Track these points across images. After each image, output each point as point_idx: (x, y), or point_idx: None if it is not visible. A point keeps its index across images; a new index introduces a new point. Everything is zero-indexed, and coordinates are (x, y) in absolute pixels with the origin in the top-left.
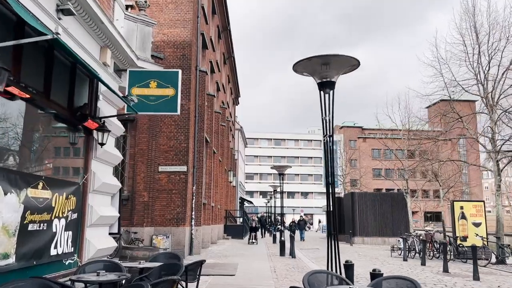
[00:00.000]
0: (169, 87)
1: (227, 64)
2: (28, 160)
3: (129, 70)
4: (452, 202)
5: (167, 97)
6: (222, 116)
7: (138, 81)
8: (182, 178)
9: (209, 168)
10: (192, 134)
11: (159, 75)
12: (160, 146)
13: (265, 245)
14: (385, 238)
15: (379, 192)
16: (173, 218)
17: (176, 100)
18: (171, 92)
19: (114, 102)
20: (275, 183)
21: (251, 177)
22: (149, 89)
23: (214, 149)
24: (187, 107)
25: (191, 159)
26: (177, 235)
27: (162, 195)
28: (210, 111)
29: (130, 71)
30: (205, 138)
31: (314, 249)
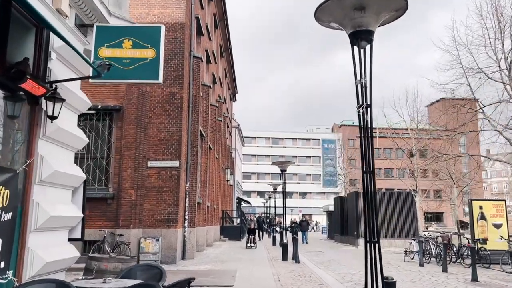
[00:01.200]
0: (148, 47)
1: (224, 57)
2: None
3: (96, 25)
4: (470, 201)
5: (146, 60)
6: (219, 111)
7: (107, 40)
8: (174, 174)
9: (204, 165)
10: (185, 126)
11: (135, 32)
12: (150, 138)
13: (265, 247)
14: (391, 240)
15: (385, 192)
16: (163, 219)
17: (158, 64)
18: (151, 54)
19: (75, 65)
20: (274, 182)
21: (249, 177)
22: (122, 50)
23: (210, 145)
24: (179, 95)
25: (184, 154)
26: (168, 238)
27: (151, 193)
28: (205, 103)
29: (97, 26)
30: (200, 131)
31: (318, 252)
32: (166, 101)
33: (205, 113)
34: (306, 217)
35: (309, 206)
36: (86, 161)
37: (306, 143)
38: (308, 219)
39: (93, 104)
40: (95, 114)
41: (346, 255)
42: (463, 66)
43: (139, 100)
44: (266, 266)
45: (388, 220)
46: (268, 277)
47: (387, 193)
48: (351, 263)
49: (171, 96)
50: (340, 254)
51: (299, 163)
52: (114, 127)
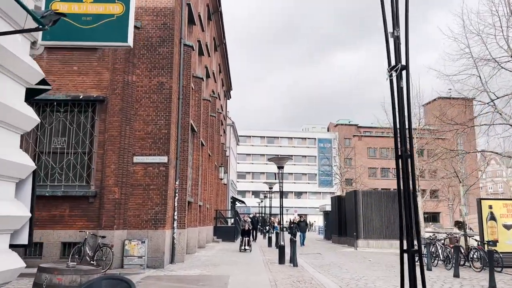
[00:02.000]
0: (115, 1)
1: (218, 52)
2: None
3: None
4: (479, 201)
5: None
6: (212, 106)
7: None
8: (162, 171)
9: (196, 162)
10: (175, 118)
11: None
12: (136, 132)
13: (260, 249)
14: (392, 241)
15: (385, 191)
16: (150, 219)
17: (127, 22)
18: (118, 10)
19: (13, 17)
20: (269, 181)
21: (243, 176)
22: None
23: (203, 141)
24: (168, 86)
25: (173, 149)
26: (155, 240)
27: (137, 191)
28: (197, 96)
29: None
30: (191, 125)
31: (316, 255)
32: (153, 92)
33: (197, 107)
34: (304, 217)
35: (305, 206)
36: (66, 156)
37: (302, 142)
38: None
39: (74, 95)
40: (76, 106)
41: (346, 257)
42: (473, 56)
43: (124, 90)
44: (261, 270)
45: (388, 220)
46: (264, 283)
47: (387, 192)
48: (353, 267)
49: (159, 86)
50: (340, 257)
51: (294, 163)
52: (97, 119)
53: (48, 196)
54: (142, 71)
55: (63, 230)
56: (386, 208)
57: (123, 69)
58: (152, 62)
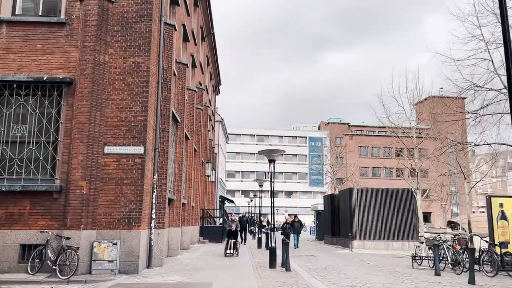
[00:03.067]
0: None
1: (205, 43)
2: None
3: None
4: (489, 198)
5: None
6: (199, 98)
7: None
8: (137, 163)
9: (179, 155)
10: (153, 105)
11: None
12: (108, 119)
13: (249, 251)
14: (389, 242)
15: (382, 188)
16: (123, 218)
17: None
18: None
19: None
20: (260, 178)
21: (233, 175)
22: None
23: (187, 134)
24: (145, 67)
25: (151, 139)
26: (129, 241)
27: (108, 186)
28: (181, 84)
29: None
30: (173, 114)
31: (309, 257)
32: (128, 73)
33: (180, 96)
34: (299, 217)
35: (295, 205)
36: (27, 146)
37: (293, 140)
38: None
39: (38, 76)
40: (40, 88)
41: (342, 260)
42: (484, 38)
43: (95, 71)
44: (250, 276)
45: (385, 220)
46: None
47: (384, 190)
48: (352, 272)
49: (135, 67)
50: (335, 259)
51: (285, 161)
52: (64, 104)
53: (5, 191)
54: (116, 50)
55: (23, 231)
56: (383, 207)
57: (93, 47)
58: (127, 41)
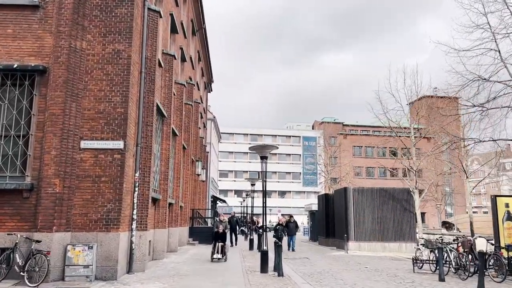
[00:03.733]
0: None
1: (196, 37)
2: None
3: None
4: (494, 198)
5: None
6: (189, 93)
7: None
8: (116, 159)
9: (166, 152)
10: (136, 96)
11: None
12: (84, 110)
13: (240, 253)
14: (385, 244)
15: (379, 188)
16: (101, 219)
17: None
18: None
19: None
20: (252, 177)
21: (226, 175)
22: None
23: (175, 130)
24: (126, 55)
25: (132, 133)
26: (107, 245)
27: (85, 184)
28: (168, 77)
29: None
30: (158, 107)
31: (303, 259)
32: (108, 62)
33: (167, 89)
34: (294, 217)
35: (289, 206)
36: None
37: (286, 140)
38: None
39: (7, 63)
40: (10, 77)
41: (338, 263)
42: (491, 27)
43: (71, 58)
44: (239, 282)
45: (381, 221)
46: None
47: (381, 189)
48: (349, 277)
49: (115, 55)
50: (331, 262)
51: (278, 161)
52: (36, 94)
53: None
54: (94, 36)
55: None
56: (379, 207)
57: (69, 32)
58: (107, 26)
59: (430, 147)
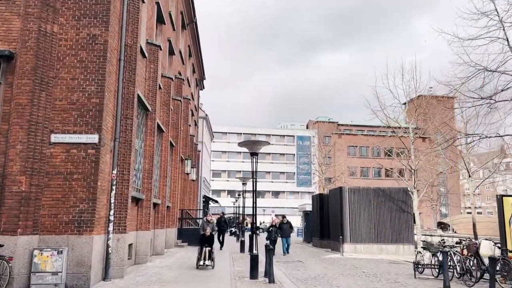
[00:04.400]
0: None
1: (187, 31)
2: None
3: None
4: (501, 198)
5: None
6: (177, 88)
7: None
8: (91, 155)
9: (150, 149)
10: (114, 86)
11: None
12: (55, 101)
13: (230, 255)
14: (382, 246)
15: (375, 188)
16: (73, 221)
17: None
18: None
19: None
20: (244, 176)
21: (218, 175)
22: None
23: (161, 125)
24: (102, 40)
25: (109, 126)
26: (79, 249)
27: (55, 181)
28: (153, 68)
29: None
30: (140, 99)
31: (296, 263)
32: (82, 47)
33: (152, 81)
34: (287, 217)
35: (282, 206)
36: None
37: (280, 139)
38: (280, 221)
39: None
40: None
41: (334, 267)
42: (498, 14)
43: (40, 43)
44: None
45: (378, 222)
46: None
47: (378, 189)
48: (346, 284)
49: (91, 40)
50: (326, 266)
51: (272, 161)
52: (2, 83)
53: None
54: (67, 20)
55: None
56: (376, 207)
57: (39, 14)
58: (81, 8)
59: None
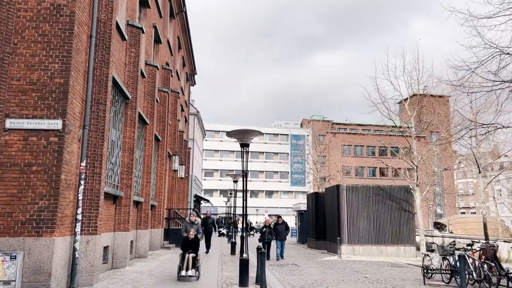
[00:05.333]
0: None
1: (176, 21)
2: None
3: None
4: None
5: None
6: (164, 79)
7: None
8: (53, 143)
9: (130, 141)
10: (82, 65)
11: None
12: (12, 80)
13: (219, 258)
14: (382, 247)
15: (375, 186)
16: (30, 220)
17: None
18: None
19: None
20: (236, 174)
21: (211, 174)
22: None
23: (144, 116)
24: (68, 11)
25: (77, 111)
26: (37, 253)
27: (9, 174)
28: (134, 52)
29: None
30: (117, 84)
31: (291, 266)
32: (44, 19)
33: (133, 66)
34: (283, 218)
35: (276, 206)
36: None
37: (274, 138)
38: (273, 221)
39: None
40: None
41: (332, 271)
42: None
43: None
44: None
45: (377, 222)
46: None
47: (377, 187)
48: (342, 285)
49: (54, 10)
50: (324, 270)
51: (265, 160)
52: None
53: None
54: None
55: None
56: (376, 206)
57: None
58: None
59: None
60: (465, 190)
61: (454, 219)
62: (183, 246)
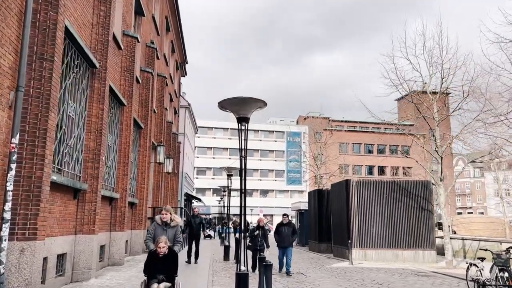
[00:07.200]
0: None
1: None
2: None
3: None
4: None
5: None
6: (148, 58)
7: None
8: None
9: (98, 121)
10: (17, 3)
11: None
12: None
13: (209, 265)
14: (398, 252)
15: (390, 181)
16: None
17: None
18: None
19: None
20: (230, 167)
21: (203, 172)
22: None
23: (117, 91)
24: None
25: (6, 65)
26: None
27: None
28: (104, 12)
29: None
30: (72, 36)
31: (297, 276)
32: None
33: (103, 29)
34: (289, 217)
35: (271, 205)
36: None
37: (269, 135)
38: (268, 220)
39: None
40: None
41: (349, 283)
42: None
43: None
44: None
45: (393, 222)
46: None
47: (392, 182)
48: None
49: None
50: (338, 281)
51: (260, 158)
52: None
53: None
54: None
55: None
56: (390, 205)
57: None
58: None
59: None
60: (462, 190)
61: (457, 219)
62: (146, 268)
